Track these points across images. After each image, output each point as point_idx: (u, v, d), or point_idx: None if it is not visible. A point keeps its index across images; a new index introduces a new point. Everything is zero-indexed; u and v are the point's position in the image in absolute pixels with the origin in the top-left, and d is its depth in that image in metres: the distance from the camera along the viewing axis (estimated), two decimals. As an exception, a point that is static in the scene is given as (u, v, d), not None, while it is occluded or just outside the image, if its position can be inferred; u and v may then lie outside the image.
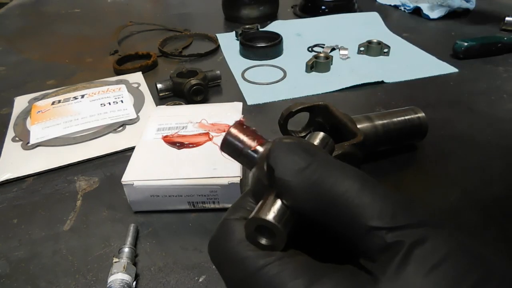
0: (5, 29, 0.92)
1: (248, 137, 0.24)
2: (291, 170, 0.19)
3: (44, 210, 0.39)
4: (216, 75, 0.61)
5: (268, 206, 0.20)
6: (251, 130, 0.25)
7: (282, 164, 0.20)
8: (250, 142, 0.24)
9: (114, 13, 1.01)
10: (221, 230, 0.22)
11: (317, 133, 0.27)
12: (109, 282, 0.30)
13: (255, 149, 0.24)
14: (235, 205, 0.23)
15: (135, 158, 0.39)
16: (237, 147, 0.24)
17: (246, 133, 0.25)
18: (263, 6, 0.88)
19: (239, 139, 0.24)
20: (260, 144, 0.24)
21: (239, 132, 0.25)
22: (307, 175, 0.19)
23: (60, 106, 0.54)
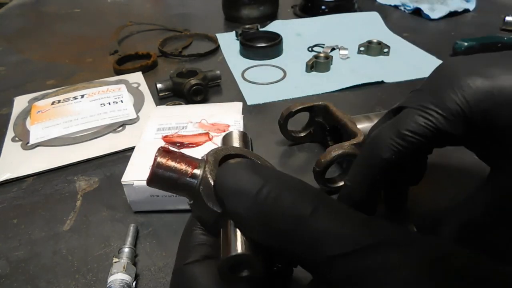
0: (5, 29, 0.92)
1: (180, 163, 0.21)
2: (242, 203, 0.18)
3: (44, 210, 0.39)
4: (216, 75, 0.61)
5: (234, 238, 0.18)
6: (179, 154, 0.21)
7: (232, 196, 0.18)
8: (184, 168, 0.21)
9: (114, 13, 1.01)
10: (183, 281, 0.19)
11: (231, 132, 0.26)
12: (109, 282, 0.30)
13: (192, 174, 0.21)
14: (184, 246, 0.21)
15: (135, 158, 0.39)
16: (171, 178, 0.21)
17: (176, 159, 0.21)
18: (263, 6, 0.88)
19: (170, 168, 0.21)
20: (195, 167, 0.21)
21: (169, 159, 0.21)
22: (259, 207, 0.17)
23: (60, 106, 0.54)
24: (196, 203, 0.21)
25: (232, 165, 0.19)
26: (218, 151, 0.22)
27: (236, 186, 0.18)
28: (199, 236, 0.21)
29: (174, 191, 0.21)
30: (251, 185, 0.18)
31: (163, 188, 0.21)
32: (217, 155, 0.22)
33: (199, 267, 0.19)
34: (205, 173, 0.21)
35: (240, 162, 0.20)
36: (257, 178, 0.18)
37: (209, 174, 0.20)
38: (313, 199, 0.17)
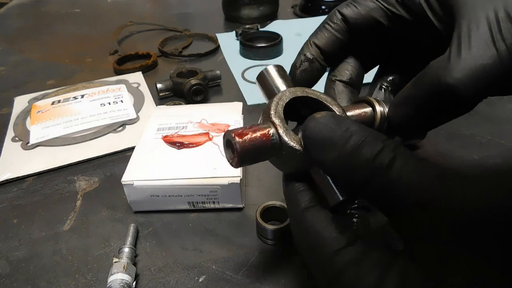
0: (5, 29, 0.92)
1: (254, 133, 0.23)
2: (329, 154, 0.20)
3: (44, 210, 0.39)
4: (216, 75, 0.61)
5: (330, 187, 0.22)
6: (245, 127, 0.24)
7: (320, 149, 0.21)
8: (259, 136, 0.23)
9: (114, 13, 1.01)
10: (305, 225, 0.22)
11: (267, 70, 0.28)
12: (109, 282, 0.30)
13: (269, 137, 0.23)
14: (291, 195, 0.23)
15: (135, 158, 0.39)
16: (256, 151, 0.23)
17: (248, 132, 0.23)
18: (263, 6, 0.88)
19: (251, 143, 0.23)
20: (266, 130, 0.23)
21: (244, 136, 0.23)
22: (343, 159, 0.20)
23: (60, 106, 0.54)
24: (281, 159, 0.23)
25: (318, 120, 0.21)
26: (277, 106, 0.24)
27: (323, 139, 0.20)
28: (296, 185, 0.24)
29: (262, 159, 0.23)
30: (337, 138, 0.20)
31: (252, 162, 0.23)
32: (278, 110, 0.24)
33: (313, 212, 0.22)
34: (279, 132, 0.23)
35: (324, 117, 0.21)
36: (342, 131, 0.20)
37: (283, 133, 0.23)
38: (389, 152, 0.19)
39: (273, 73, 0.28)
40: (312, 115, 0.22)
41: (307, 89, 0.26)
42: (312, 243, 0.21)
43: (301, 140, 0.22)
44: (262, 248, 0.34)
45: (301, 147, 0.22)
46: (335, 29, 0.29)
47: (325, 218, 0.21)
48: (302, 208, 0.22)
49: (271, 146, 0.23)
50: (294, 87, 0.26)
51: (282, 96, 0.25)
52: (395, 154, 0.18)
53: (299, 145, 0.22)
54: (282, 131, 0.23)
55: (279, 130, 0.23)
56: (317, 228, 0.21)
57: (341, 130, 0.20)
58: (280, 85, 0.27)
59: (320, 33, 0.30)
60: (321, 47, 0.29)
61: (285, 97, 0.25)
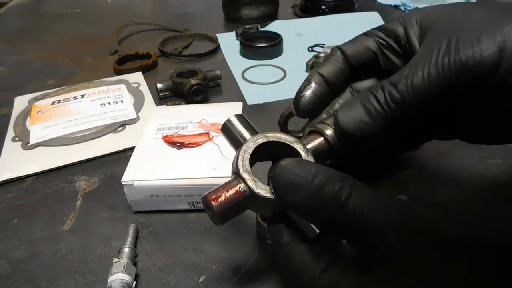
0: (5, 29, 0.92)
1: (227, 193, 0.25)
2: (296, 196, 0.23)
3: (44, 210, 0.39)
4: (216, 75, 0.61)
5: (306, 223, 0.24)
6: (219, 188, 0.26)
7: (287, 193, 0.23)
8: (233, 195, 0.25)
9: (114, 13, 1.01)
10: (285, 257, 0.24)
11: (230, 121, 0.30)
12: (109, 282, 0.30)
13: (242, 193, 0.25)
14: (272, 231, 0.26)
15: (135, 158, 0.39)
16: (232, 209, 0.25)
17: (223, 193, 0.25)
18: (263, 6, 0.88)
19: (227, 202, 0.25)
20: (237, 187, 0.25)
21: (219, 198, 0.25)
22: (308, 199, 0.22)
23: (60, 106, 0.54)
24: (256, 207, 0.26)
25: (284, 167, 0.23)
26: (243, 160, 0.26)
27: (290, 183, 0.23)
28: (276, 225, 0.26)
29: (240, 212, 0.25)
30: (302, 181, 0.22)
31: (232, 217, 0.25)
32: (244, 164, 0.26)
33: (292, 246, 0.24)
34: (249, 187, 0.25)
35: (289, 163, 0.24)
36: (306, 175, 0.22)
37: (253, 186, 0.25)
38: (347, 188, 0.21)
39: (236, 123, 0.30)
40: (278, 163, 0.24)
41: (268, 133, 0.28)
42: (293, 272, 0.23)
43: (271, 189, 0.24)
44: (262, 248, 0.34)
45: (272, 195, 0.24)
46: (336, 59, 0.33)
47: (302, 249, 0.23)
48: (282, 243, 0.25)
49: (245, 200, 0.25)
50: (256, 135, 0.28)
51: (246, 148, 0.27)
52: (352, 189, 0.20)
53: (270, 193, 0.24)
54: (251, 184, 0.25)
55: (249, 184, 0.25)
56: (297, 259, 0.23)
57: (305, 173, 0.22)
58: (244, 133, 0.29)
59: (322, 65, 0.33)
60: (324, 75, 0.32)
61: (249, 148, 0.27)
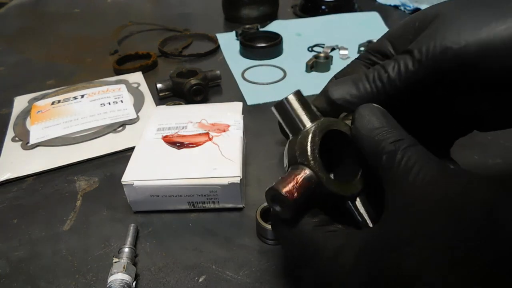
0: (5, 29, 0.92)
1: (298, 185, 0.24)
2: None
3: (44, 210, 0.39)
4: (216, 75, 0.61)
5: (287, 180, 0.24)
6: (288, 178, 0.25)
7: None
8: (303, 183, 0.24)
9: (114, 13, 1.01)
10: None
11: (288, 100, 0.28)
12: (109, 282, 0.30)
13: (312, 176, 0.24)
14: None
15: (135, 158, 0.39)
16: (306, 194, 0.24)
17: (294, 182, 0.24)
18: (263, 6, 0.88)
19: (300, 192, 0.24)
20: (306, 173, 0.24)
21: (292, 187, 0.24)
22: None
23: (60, 106, 0.54)
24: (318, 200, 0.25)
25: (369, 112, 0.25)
26: (314, 151, 0.25)
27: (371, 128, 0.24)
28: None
29: (310, 207, 0.25)
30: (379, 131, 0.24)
31: (303, 210, 0.24)
32: (315, 155, 0.25)
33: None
34: (321, 180, 0.24)
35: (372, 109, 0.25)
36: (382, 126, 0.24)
37: (325, 181, 0.24)
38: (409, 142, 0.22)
39: (295, 104, 0.27)
40: (362, 105, 0.25)
41: (331, 120, 0.26)
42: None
43: (338, 185, 0.24)
44: (262, 248, 0.34)
45: (339, 192, 0.24)
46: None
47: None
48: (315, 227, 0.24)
49: (315, 191, 0.24)
50: (321, 121, 0.26)
51: (314, 137, 0.25)
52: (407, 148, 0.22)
53: (338, 190, 0.24)
54: (324, 179, 0.24)
55: (322, 179, 0.24)
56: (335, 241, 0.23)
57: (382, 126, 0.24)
58: (305, 119, 0.27)
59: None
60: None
61: (317, 137, 0.25)
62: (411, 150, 0.22)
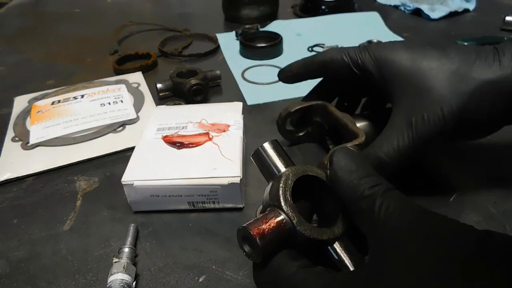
0: (5, 29, 0.92)
1: (271, 228, 0.24)
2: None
3: (44, 210, 0.39)
4: (216, 75, 0.61)
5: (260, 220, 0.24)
6: (261, 220, 0.24)
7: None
8: (276, 229, 0.24)
9: (114, 13, 1.01)
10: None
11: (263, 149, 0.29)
12: (109, 282, 0.30)
13: (285, 224, 0.24)
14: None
15: (135, 158, 0.39)
16: (275, 242, 0.24)
17: (266, 227, 0.24)
18: (263, 6, 0.88)
19: (271, 238, 0.24)
20: (279, 217, 0.24)
21: (263, 234, 0.24)
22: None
23: (60, 106, 0.54)
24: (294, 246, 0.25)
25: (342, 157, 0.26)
26: (285, 194, 0.25)
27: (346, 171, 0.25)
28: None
29: (279, 249, 0.24)
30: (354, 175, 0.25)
31: (270, 252, 0.24)
32: (287, 197, 0.25)
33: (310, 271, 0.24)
34: (293, 223, 0.24)
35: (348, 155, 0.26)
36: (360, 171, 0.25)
37: (297, 224, 0.24)
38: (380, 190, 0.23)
39: (270, 152, 0.29)
40: (338, 148, 0.26)
41: (306, 167, 0.27)
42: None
43: (311, 227, 0.24)
44: (262, 248, 0.34)
45: (312, 236, 0.24)
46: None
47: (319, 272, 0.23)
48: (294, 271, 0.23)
49: (287, 235, 0.24)
50: (294, 167, 0.27)
51: (286, 180, 0.26)
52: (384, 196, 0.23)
53: (312, 233, 0.24)
54: (296, 220, 0.24)
55: (293, 220, 0.24)
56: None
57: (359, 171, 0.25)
58: (279, 164, 0.28)
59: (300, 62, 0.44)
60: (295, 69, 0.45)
61: (289, 181, 0.26)
62: (390, 196, 0.22)
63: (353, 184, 0.23)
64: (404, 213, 0.21)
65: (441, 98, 0.31)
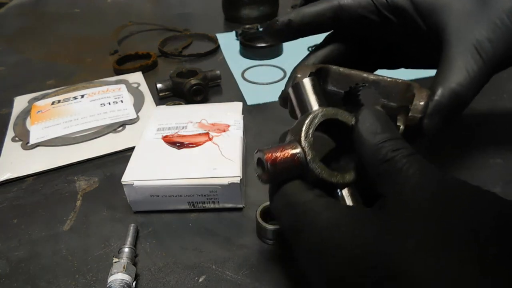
0: (5, 29, 0.92)
1: (283, 155, 0.25)
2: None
3: (44, 210, 0.39)
4: (216, 75, 0.61)
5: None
6: (275, 148, 0.25)
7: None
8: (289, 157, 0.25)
9: (114, 13, 1.01)
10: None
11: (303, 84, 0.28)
12: (109, 282, 0.30)
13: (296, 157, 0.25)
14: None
15: (135, 158, 0.39)
16: (284, 171, 0.25)
17: (277, 152, 0.25)
18: (263, 6, 0.88)
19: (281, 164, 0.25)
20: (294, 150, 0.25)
21: (272, 155, 0.25)
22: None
23: (60, 106, 0.54)
24: (303, 177, 0.26)
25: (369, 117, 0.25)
26: (308, 130, 0.25)
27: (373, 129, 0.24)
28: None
29: (288, 179, 0.25)
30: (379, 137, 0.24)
31: (279, 180, 0.25)
32: (308, 134, 0.25)
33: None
34: (306, 158, 0.25)
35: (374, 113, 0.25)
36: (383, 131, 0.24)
37: (310, 160, 0.25)
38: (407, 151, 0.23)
39: (308, 88, 0.29)
40: (365, 108, 0.25)
41: (337, 110, 0.27)
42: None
43: (324, 167, 0.25)
44: (262, 248, 0.34)
45: (322, 175, 0.24)
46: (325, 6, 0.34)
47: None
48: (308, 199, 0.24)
49: (297, 169, 0.25)
50: (326, 108, 0.27)
51: (314, 118, 0.26)
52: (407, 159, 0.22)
53: (322, 173, 0.25)
54: (309, 157, 0.25)
55: (307, 156, 0.25)
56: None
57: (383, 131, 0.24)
58: (313, 102, 0.28)
59: (312, 6, 0.34)
60: (306, 15, 0.34)
61: (316, 119, 0.26)
62: (413, 159, 0.22)
63: (376, 147, 0.23)
64: (426, 176, 0.21)
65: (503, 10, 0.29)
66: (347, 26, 0.34)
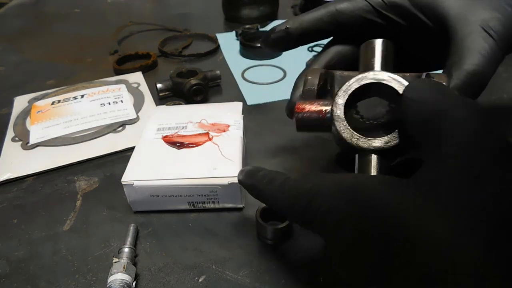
0: (5, 29, 0.92)
1: (315, 107, 0.27)
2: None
3: (44, 210, 0.39)
4: (216, 75, 0.61)
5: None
6: (312, 102, 0.27)
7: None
8: (320, 109, 0.27)
9: (114, 13, 1.01)
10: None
11: (374, 43, 0.28)
12: (109, 282, 0.30)
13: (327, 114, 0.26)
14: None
15: (135, 158, 0.39)
16: (312, 122, 0.27)
17: (312, 104, 0.27)
18: (263, 6, 0.88)
19: (309, 114, 0.27)
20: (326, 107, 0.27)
21: (305, 106, 0.27)
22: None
23: (60, 106, 0.54)
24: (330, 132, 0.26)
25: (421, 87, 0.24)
26: (348, 88, 0.26)
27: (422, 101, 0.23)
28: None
29: (318, 131, 0.27)
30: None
31: (309, 131, 0.27)
32: (346, 93, 0.25)
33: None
34: (333, 115, 0.25)
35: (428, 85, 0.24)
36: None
37: (336, 118, 0.25)
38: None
39: (378, 49, 0.28)
40: (417, 80, 0.24)
41: (392, 75, 0.26)
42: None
43: (347, 128, 0.25)
44: (262, 248, 0.34)
45: (342, 133, 0.25)
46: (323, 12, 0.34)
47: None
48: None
49: (323, 123, 0.26)
50: (382, 72, 0.26)
51: (361, 79, 0.26)
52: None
53: (343, 132, 0.25)
54: (336, 115, 0.25)
55: (335, 114, 0.25)
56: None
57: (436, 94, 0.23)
58: (377, 64, 0.27)
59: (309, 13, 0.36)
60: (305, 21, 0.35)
61: (363, 81, 0.25)
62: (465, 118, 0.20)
63: (426, 103, 0.22)
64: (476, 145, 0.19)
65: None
66: (348, 29, 0.34)
